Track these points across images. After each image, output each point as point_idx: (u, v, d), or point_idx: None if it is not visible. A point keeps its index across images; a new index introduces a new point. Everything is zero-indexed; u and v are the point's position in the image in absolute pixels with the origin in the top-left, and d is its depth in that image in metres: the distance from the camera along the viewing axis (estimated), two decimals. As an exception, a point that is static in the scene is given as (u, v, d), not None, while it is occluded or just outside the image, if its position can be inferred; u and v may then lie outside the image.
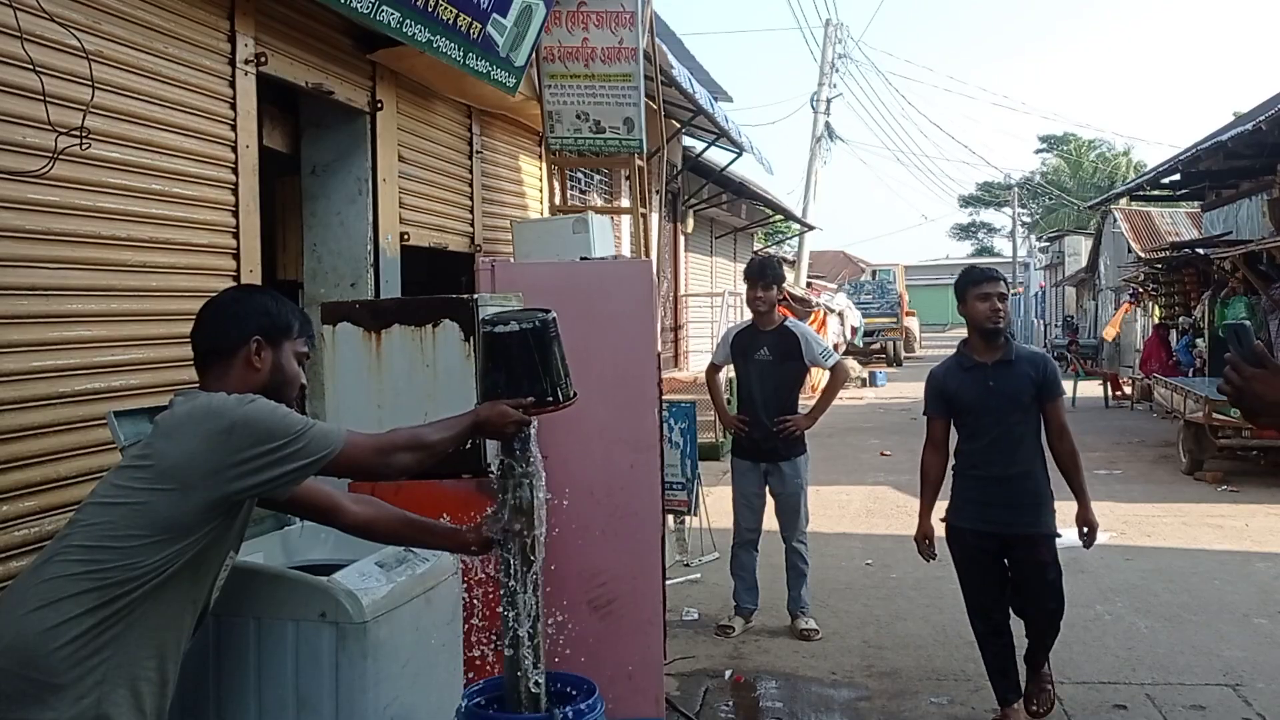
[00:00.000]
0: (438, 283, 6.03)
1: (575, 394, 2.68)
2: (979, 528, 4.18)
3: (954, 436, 4.34)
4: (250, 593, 2.53)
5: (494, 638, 3.60)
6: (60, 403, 3.34)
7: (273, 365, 2.40)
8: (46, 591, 2.04)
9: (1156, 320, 19.18)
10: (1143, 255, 20.73)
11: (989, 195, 59.68)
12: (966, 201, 62.98)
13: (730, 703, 4.80)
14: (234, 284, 4.02)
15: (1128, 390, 19.40)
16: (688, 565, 7.04)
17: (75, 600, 2.03)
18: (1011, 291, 4.50)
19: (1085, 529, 4.16)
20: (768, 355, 5.75)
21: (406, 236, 5.62)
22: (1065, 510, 4.20)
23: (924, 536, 4.42)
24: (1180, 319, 17.16)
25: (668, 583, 4.82)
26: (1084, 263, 30.89)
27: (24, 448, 3.22)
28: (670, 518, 6.78)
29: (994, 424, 4.15)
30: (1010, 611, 4.27)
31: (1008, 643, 4.27)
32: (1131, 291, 22.08)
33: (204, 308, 2.41)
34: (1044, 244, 42.99)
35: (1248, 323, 2.32)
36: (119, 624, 2.06)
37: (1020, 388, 4.13)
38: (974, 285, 4.21)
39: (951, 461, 4.32)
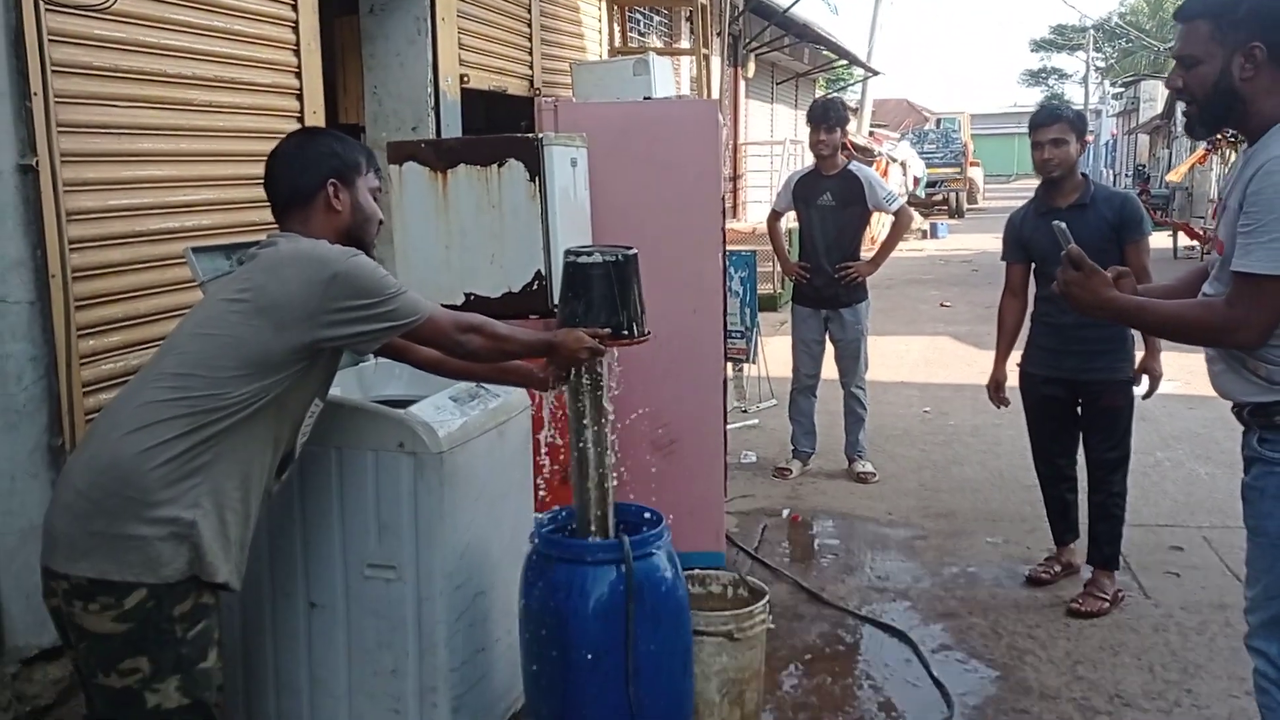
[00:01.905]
0: (496, 129, 5.97)
1: (649, 332, 2.73)
2: (1050, 374, 4.13)
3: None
4: (331, 424, 2.61)
5: (563, 472, 3.71)
6: (137, 241, 3.42)
7: (352, 205, 2.41)
8: (141, 415, 2.12)
9: (1234, 169, 18.40)
10: (1224, 100, 19.72)
11: (1062, 39, 57.07)
12: (1038, 45, 60.34)
13: (788, 539, 4.93)
14: (298, 127, 4.02)
15: (1196, 237, 18.82)
16: (746, 412, 7.13)
17: (167, 425, 2.11)
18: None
19: (1146, 377, 4.05)
20: (830, 200, 5.65)
21: (466, 79, 5.55)
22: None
23: (995, 383, 4.40)
24: (1260, 168, 16.44)
25: (726, 428, 4.90)
26: (1159, 109, 29.58)
27: (105, 285, 3.31)
28: (729, 366, 6.83)
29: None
30: (1075, 459, 4.28)
31: (1070, 488, 4.29)
32: (1209, 139, 21.19)
33: (271, 158, 2.41)
34: (1118, 90, 41.21)
35: (1063, 224, 2.35)
36: (208, 452, 2.14)
37: (1095, 232, 3.96)
38: (1029, 133, 4.08)
39: (1032, 308, 4.25)
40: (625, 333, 2.66)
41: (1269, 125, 2.17)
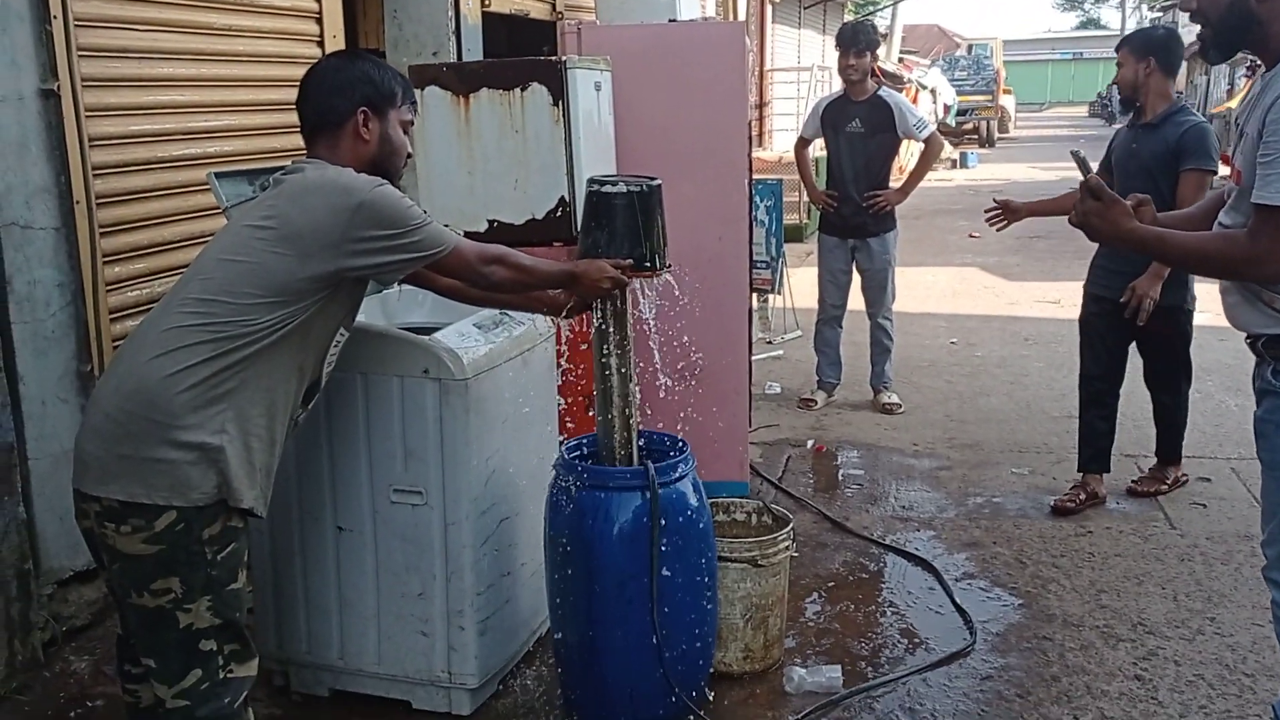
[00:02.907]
0: (517, 55, 5.86)
1: (670, 265, 2.71)
2: (1102, 293, 4.16)
3: None
4: (357, 349, 2.61)
5: (586, 400, 3.71)
6: (160, 167, 3.40)
7: (380, 136, 2.38)
8: (166, 340, 2.13)
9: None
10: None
11: (1100, -40, 55.52)
12: (1075, -32, 58.75)
13: (812, 470, 4.93)
14: (324, 52, 3.97)
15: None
16: (770, 343, 7.10)
17: (191, 350, 2.11)
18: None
19: (1133, 294, 3.92)
20: (859, 127, 5.56)
21: (487, 2, 5.45)
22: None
23: (1008, 208, 4.38)
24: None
25: (751, 358, 4.88)
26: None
27: (129, 211, 3.31)
28: (754, 296, 6.78)
29: (1124, 188, 3.97)
30: (1116, 388, 4.29)
31: (1105, 415, 4.27)
32: (1250, 64, 20.62)
33: (307, 77, 2.37)
34: (1157, 14, 40.08)
35: (1081, 153, 2.32)
36: (233, 378, 2.14)
37: (1151, 155, 3.99)
38: None
39: None
40: (648, 264, 2.64)
41: None
